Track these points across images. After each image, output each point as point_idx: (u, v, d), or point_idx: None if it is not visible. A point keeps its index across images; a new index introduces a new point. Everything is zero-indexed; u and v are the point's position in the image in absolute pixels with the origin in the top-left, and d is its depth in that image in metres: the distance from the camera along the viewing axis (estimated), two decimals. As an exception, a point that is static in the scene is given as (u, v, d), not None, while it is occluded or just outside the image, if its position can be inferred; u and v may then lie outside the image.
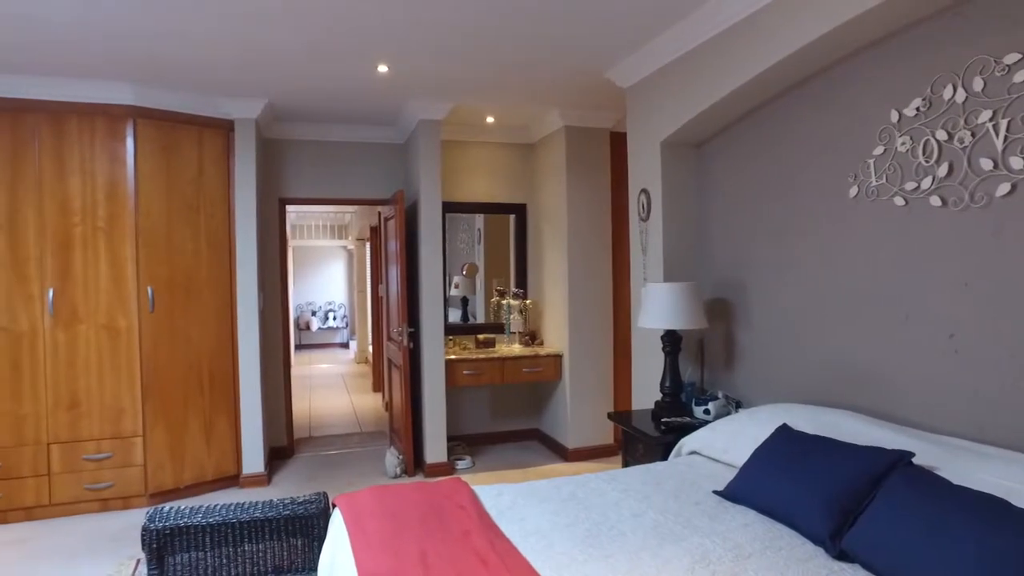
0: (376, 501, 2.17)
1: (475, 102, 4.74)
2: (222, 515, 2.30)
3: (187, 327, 4.34)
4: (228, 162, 4.52)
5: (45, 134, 4.01)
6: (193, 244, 4.37)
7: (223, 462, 4.51)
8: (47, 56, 3.60)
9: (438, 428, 4.76)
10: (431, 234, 4.74)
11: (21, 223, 3.98)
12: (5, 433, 3.96)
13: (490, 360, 4.99)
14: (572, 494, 2.35)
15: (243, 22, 3.18)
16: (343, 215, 11.41)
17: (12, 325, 3.97)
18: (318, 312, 13.89)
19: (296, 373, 5.58)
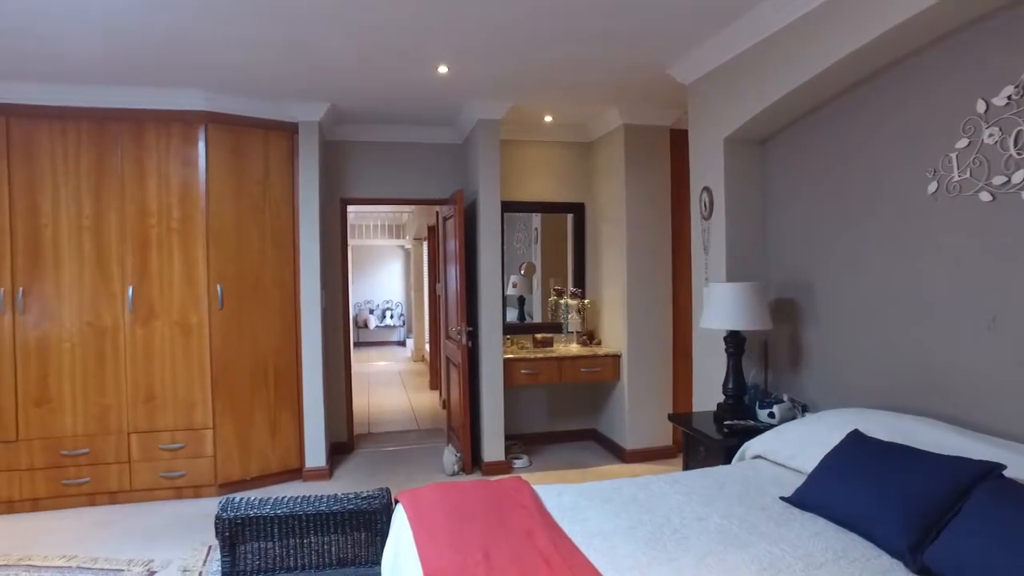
0: (438, 498, 2.19)
1: (533, 101, 4.74)
2: (289, 507, 2.37)
3: (253, 324, 4.49)
4: (292, 164, 4.65)
5: (126, 141, 4.22)
6: (259, 243, 4.51)
7: (287, 455, 4.65)
8: (129, 67, 3.79)
9: (496, 427, 4.78)
10: (490, 233, 4.76)
11: (105, 225, 4.21)
12: (92, 422, 4.20)
13: (548, 359, 4.98)
14: (633, 496, 2.32)
15: (308, 28, 3.27)
16: (400, 215, 11.60)
17: (97, 321, 4.21)
18: (376, 310, 14.16)
19: (354, 370, 5.69)
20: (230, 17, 3.12)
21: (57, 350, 4.18)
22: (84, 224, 4.19)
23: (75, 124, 4.17)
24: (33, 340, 4.15)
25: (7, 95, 4.04)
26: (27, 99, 4.07)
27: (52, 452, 4.17)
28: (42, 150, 4.14)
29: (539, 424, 5.62)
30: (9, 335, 4.12)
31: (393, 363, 11.41)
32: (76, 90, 4.09)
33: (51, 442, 4.17)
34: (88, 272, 4.20)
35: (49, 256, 4.16)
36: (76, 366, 4.20)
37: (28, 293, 4.14)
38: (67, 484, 4.18)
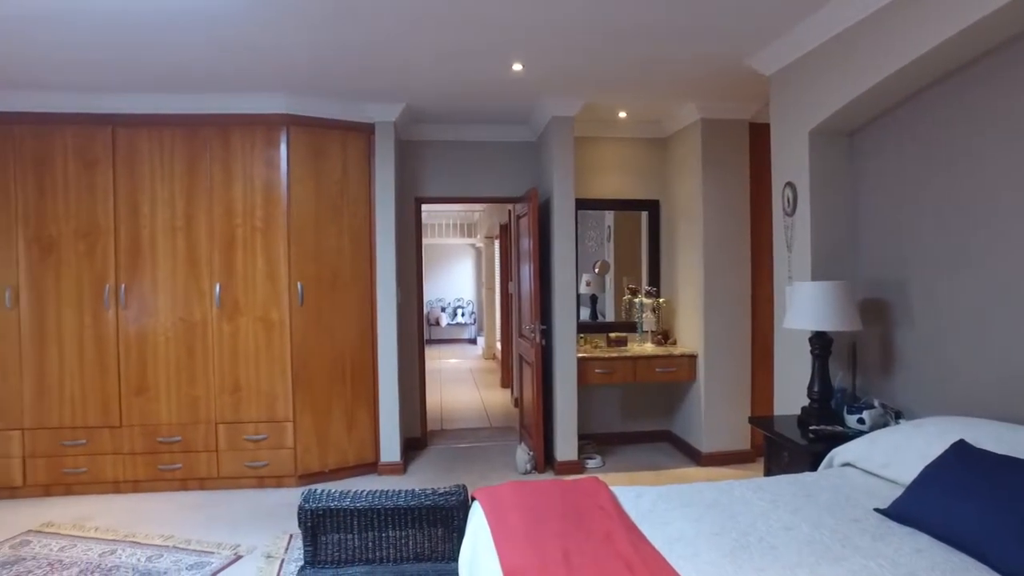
0: (516, 496, 2.19)
1: (608, 98, 4.68)
2: (368, 501, 2.42)
3: (332, 321, 4.63)
4: (369, 164, 4.76)
5: (215, 145, 4.43)
6: (337, 242, 4.64)
7: (363, 449, 4.76)
8: (218, 75, 3.98)
9: (569, 426, 4.75)
10: (564, 231, 4.73)
11: (195, 226, 4.43)
12: (184, 411, 4.44)
13: (622, 359, 4.91)
14: (715, 501, 2.25)
15: (385, 30, 3.34)
16: (472, 213, 11.71)
17: (188, 316, 4.44)
18: (447, 308, 14.36)
19: (427, 367, 5.78)
20: (313, 22, 3.22)
21: (153, 343, 4.44)
22: (177, 225, 4.43)
23: (170, 131, 4.41)
24: (133, 333, 4.42)
25: (114, 106, 4.33)
26: (130, 109, 4.35)
27: (150, 438, 4.44)
28: (142, 156, 4.40)
29: (612, 424, 5.55)
30: (113, 329, 4.40)
31: (464, 361, 11.54)
32: (171, 99, 4.33)
33: (149, 429, 4.44)
34: (180, 270, 4.44)
35: (147, 255, 4.42)
36: (170, 358, 4.45)
37: (129, 290, 4.41)
38: (162, 469, 4.44)
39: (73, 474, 4.41)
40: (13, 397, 4.37)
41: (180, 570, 3.27)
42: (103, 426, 4.42)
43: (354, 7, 3.05)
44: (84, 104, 4.32)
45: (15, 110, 4.30)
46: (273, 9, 3.06)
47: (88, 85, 4.15)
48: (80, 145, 4.37)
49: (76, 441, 4.40)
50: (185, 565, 3.33)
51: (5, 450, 4.37)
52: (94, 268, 4.40)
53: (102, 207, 4.39)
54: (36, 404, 4.39)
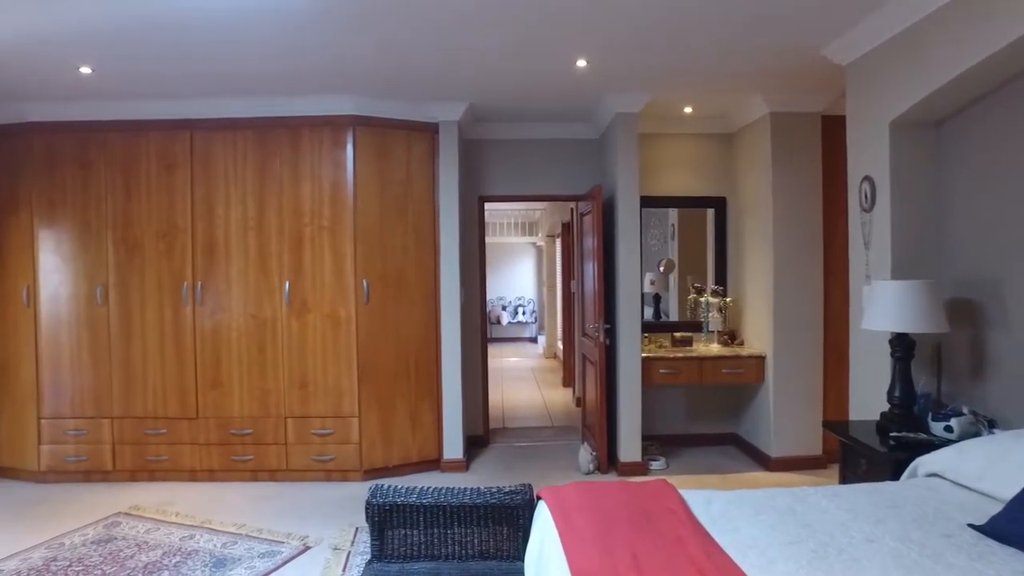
0: (582, 497, 2.16)
1: (673, 93, 4.58)
2: (434, 497, 2.43)
3: (396, 318, 4.70)
4: (433, 163, 4.81)
5: (284, 147, 4.57)
6: (402, 241, 4.71)
7: (426, 446, 4.82)
8: (288, 79, 4.10)
9: (633, 426, 4.68)
10: (629, 230, 4.66)
11: (266, 225, 4.58)
12: (255, 405, 4.60)
13: (688, 359, 4.80)
14: (790, 508, 2.16)
15: (450, 30, 3.36)
16: (533, 212, 11.70)
17: (259, 313, 4.59)
18: (508, 307, 14.40)
19: (488, 365, 5.80)
20: (378, 24, 3.28)
21: (227, 339, 4.62)
22: (249, 225, 4.59)
23: (242, 134, 4.57)
24: (208, 329, 4.61)
25: (191, 111, 4.52)
26: (206, 113, 4.53)
27: (224, 430, 4.62)
28: (217, 159, 4.58)
29: (676, 425, 5.44)
30: (190, 325, 4.60)
31: (525, 359, 11.54)
32: (243, 103, 4.49)
33: (223, 421, 4.62)
34: (252, 268, 4.59)
35: (221, 254, 4.60)
36: (242, 354, 4.61)
37: (205, 287, 4.60)
38: (235, 460, 4.61)
39: (155, 461, 4.64)
40: (104, 387, 4.64)
41: (253, 558, 3.39)
42: (181, 417, 4.63)
43: (419, 8, 3.09)
44: (165, 111, 4.54)
45: (107, 119, 4.55)
46: (341, 13, 3.12)
47: (169, 93, 4.36)
48: (161, 150, 4.59)
49: (158, 431, 4.63)
50: (257, 553, 3.45)
51: (97, 436, 4.64)
52: (173, 267, 4.61)
53: (180, 208, 4.60)
54: (123, 394, 4.64)
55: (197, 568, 3.28)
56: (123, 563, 3.35)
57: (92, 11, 3.07)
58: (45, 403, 4.67)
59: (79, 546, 3.57)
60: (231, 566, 3.30)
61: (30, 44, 3.48)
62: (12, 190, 4.68)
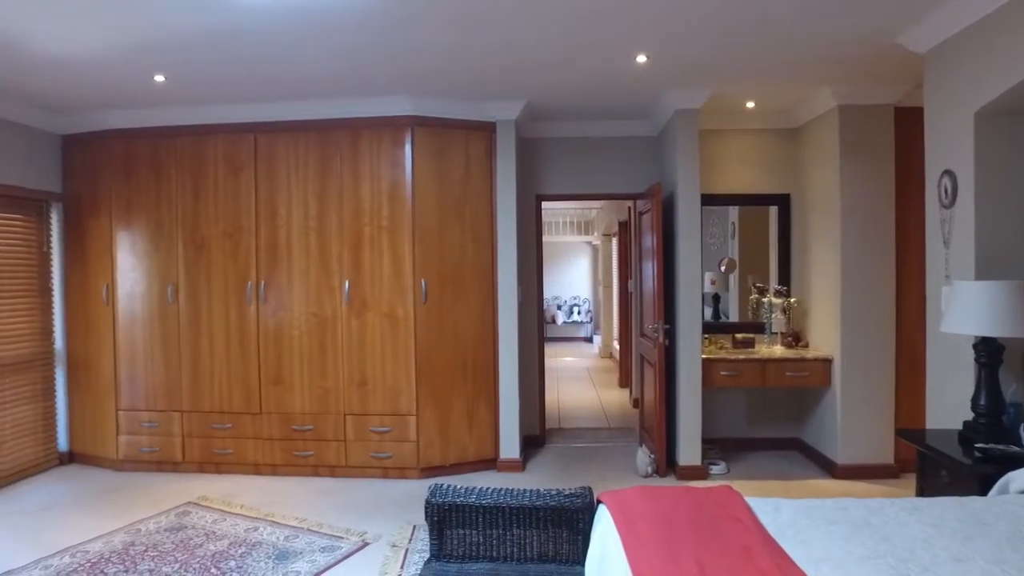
0: (644, 502, 2.10)
1: (735, 87, 4.45)
2: (493, 498, 2.42)
3: (454, 317, 4.72)
4: (490, 162, 4.81)
5: (344, 148, 4.65)
6: (460, 240, 4.73)
7: (482, 445, 4.82)
8: (348, 81, 4.17)
9: (692, 429, 4.57)
10: (689, 228, 4.56)
11: (326, 226, 4.67)
12: (316, 402, 4.70)
13: (749, 361, 4.66)
14: (864, 520, 2.04)
15: (509, 27, 3.34)
16: (588, 211, 11.61)
17: (320, 311, 4.69)
18: (563, 306, 14.34)
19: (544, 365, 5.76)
20: (438, 25, 3.29)
21: (288, 337, 4.73)
22: (310, 225, 4.69)
23: (304, 136, 4.67)
24: (271, 327, 4.74)
25: (256, 115, 4.66)
26: (269, 117, 4.66)
27: (285, 426, 4.74)
28: (279, 161, 4.70)
29: (736, 429, 5.29)
30: (254, 323, 4.74)
31: (580, 359, 11.46)
32: (305, 105, 4.60)
33: (285, 417, 4.74)
34: (313, 268, 4.69)
35: (283, 253, 4.71)
36: (303, 351, 4.72)
37: (268, 286, 4.72)
38: (296, 455, 4.72)
39: (221, 454, 4.79)
40: (174, 382, 4.83)
41: (314, 552, 3.46)
42: (245, 412, 4.77)
43: (479, 7, 3.08)
44: (231, 115, 4.68)
45: (177, 124, 4.74)
46: (401, 14, 3.15)
47: (235, 97, 4.50)
48: (227, 152, 4.74)
49: (223, 425, 4.78)
50: (318, 547, 3.51)
51: (168, 428, 4.84)
52: (238, 266, 4.76)
53: (245, 209, 4.74)
54: (192, 389, 4.82)
55: (261, 559, 3.37)
56: (193, 551, 3.47)
57: (167, 23, 3.20)
58: (122, 396, 4.90)
59: (154, 532, 3.73)
60: (293, 559, 3.37)
61: (112, 56, 3.66)
62: (93, 194, 4.92)
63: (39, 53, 3.58)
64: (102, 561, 3.37)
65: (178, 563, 3.33)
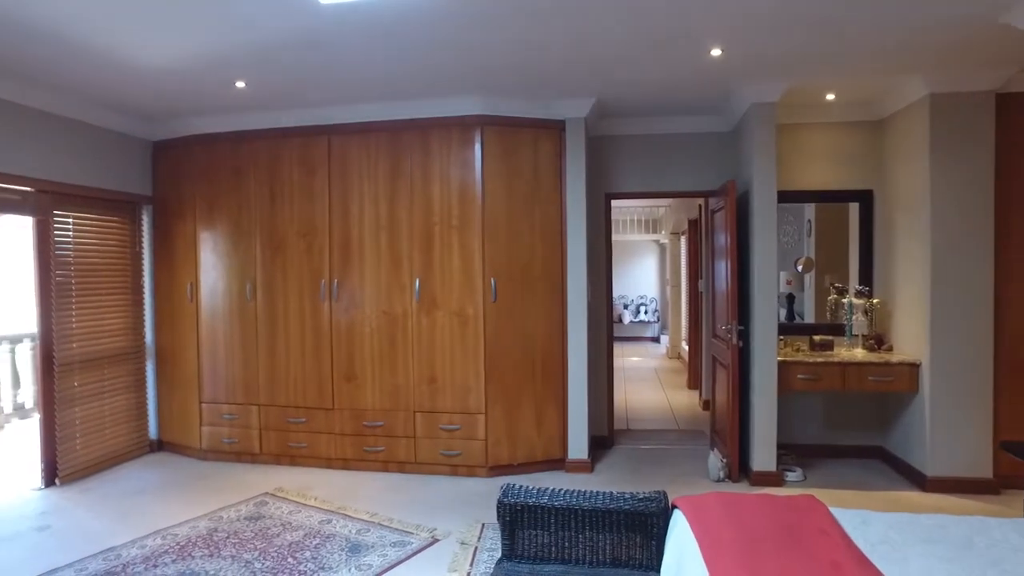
0: (722, 508, 2.03)
1: (815, 78, 4.26)
2: (566, 500, 2.40)
3: (523, 316, 4.71)
4: (560, 161, 4.77)
5: (415, 148, 4.71)
6: (529, 239, 4.72)
7: (551, 445, 4.80)
8: (417, 81, 4.22)
9: (767, 434, 4.41)
10: (765, 227, 4.40)
11: (397, 225, 4.75)
12: (386, 398, 4.79)
13: (829, 364, 4.45)
14: (968, 540, 1.91)
15: (579, 23, 3.30)
16: (656, 209, 11.41)
17: (390, 309, 4.77)
18: (629, 306, 14.15)
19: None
20: (506, 23, 3.28)
21: (360, 334, 4.83)
22: (381, 224, 4.77)
23: (375, 137, 4.76)
24: (344, 325, 4.85)
25: (329, 118, 4.78)
26: (342, 119, 4.77)
27: (357, 422, 4.84)
28: (351, 162, 4.81)
29: (813, 435, 5.07)
30: (327, 320, 4.87)
31: (647, 359, 11.28)
32: (377, 107, 4.69)
33: (356, 413, 4.85)
34: (384, 267, 4.78)
35: (355, 252, 4.82)
36: (374, 349, 4.81)
37: (341, 284, 4.84)
38: (367, 451, 4.82)
39: (296, 448, 4.95)
40: (252, 377, 5.02)
41: (385, 546, 3.52)
42: (319, 407, 4.91)
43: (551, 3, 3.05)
44: (306, 118, 4.82)
45: (255, 128, 4.92)
46: (472, 12, 3.16)
47: (310, 101, 4.63)
48: (302, 155, 4.89)
49: (298, 419, 4.94)
50: (389, 542, 3.57)
51: (246, 421, 5.03)
52: (312, 265, 4.89)
53: (319, 209, 4.87)
54: (269, 384, 4.99)
55: (335, 551, 3.45)
56: (271, 540, 3.59)
57: (250, 31, 3.32)
58: (204, 388, 5.13)
59: (234, 520, 3.89)
60: (365, 552, 3.44)
61: (198, 65, 3.85)
62: (179, 196, 5.18)
63: (134, 65, 3.80)
64: (189, 544, 3.54)
65: (257, 551, 3.46)
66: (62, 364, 4.57)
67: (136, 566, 3.31)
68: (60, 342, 4.56)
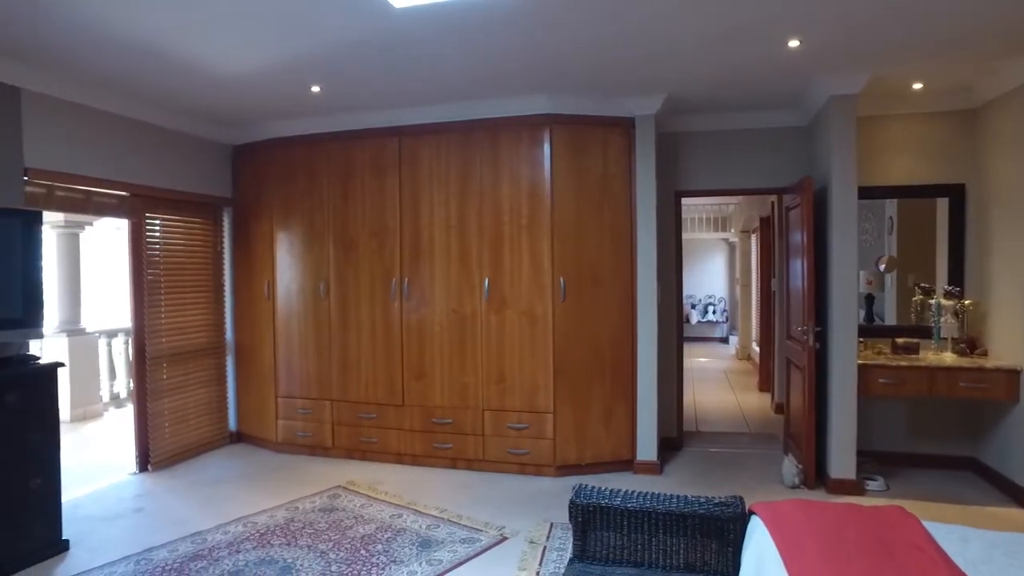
0: (805, 517, 1.96)
1: (902, 67, 4.04)
2: (639, 502, 2.36)
3: (592, 316, 4.68)
4: (629, 158, 4.71)
5: (484, 148, 4.75)
6: (598, 237, 4.68)
7: (619, 446, 4.74)
8: (486, 81, 4.25)
9: (846, 440, 4.23)
10: (844, 224, 4.22)
11: (466, 224, 4.79)
12: (455, 396, 4.85)
13: (914, 369, 4.23)
14: (1081, 561, 1.78)
15: (651, 17, 3.24)
16: (725, 207, 11.13)
17: (460, 308, 4.82)
18: (697, 305, 13.86)
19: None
20: (577, 20, 3.26)
21: (430, 332, 4.91)
22: (451, 223, 4.83)
23: (445, 137, 4.82)
24: (414, 323, 4.94)
25: (400, 119, 4.88)
26: (413, 120, 4.86)
27: (426, 418, 4.92)
28: (422, 162, 4.89)
29: (895, 442, 4.83)
30: (398, 318, 4.97)
31: (715, 360, 11.01)
32: (446, 108, 4.75)
33: (425, 410, 4.92)
34: (453, 266, 4.83)
35: (426, 252, 4.90)
36: (444, 347, 4.87)
37: (411, 283, 4.93)
38: (436, 447, 4.89)
39: (367, 443, 5.07)
40: (325, 372, 5.17)
41: (454, 543, 3.56)
42: (389, 404, 5.01)
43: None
44: (377, 120, 4.93)
45: (329, 131, 5.07)
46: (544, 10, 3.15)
47: (381, 103, 4.74)
48: (374, 156, 5.00)
49: (369, 415, 5.06)
50: (458, 538, 3.61)
51: (320, 416, 5.20)
52: (383, 263, 5.00)
53: (390, 209, 4.97)
54: (341, 380, 5.14)
55: (406, 545, 3.52)
56: (344, 532, 3.69)
57: (325, 35, 3.42)
58: (280, 383, 5.33)
59: (309, 511, 4.02)
60: (435, 548, 3.49)
61: (275, 72, 4.00)
62: (257, 198, 5.39)
63: (215, 73, 3.98)
64: (268, 533, 3.69)
65: (331, 542, 3.56)
66: (153, 358, 4.84)
67: (221, 551, 3.47)
68: (151, 337, 4.83)
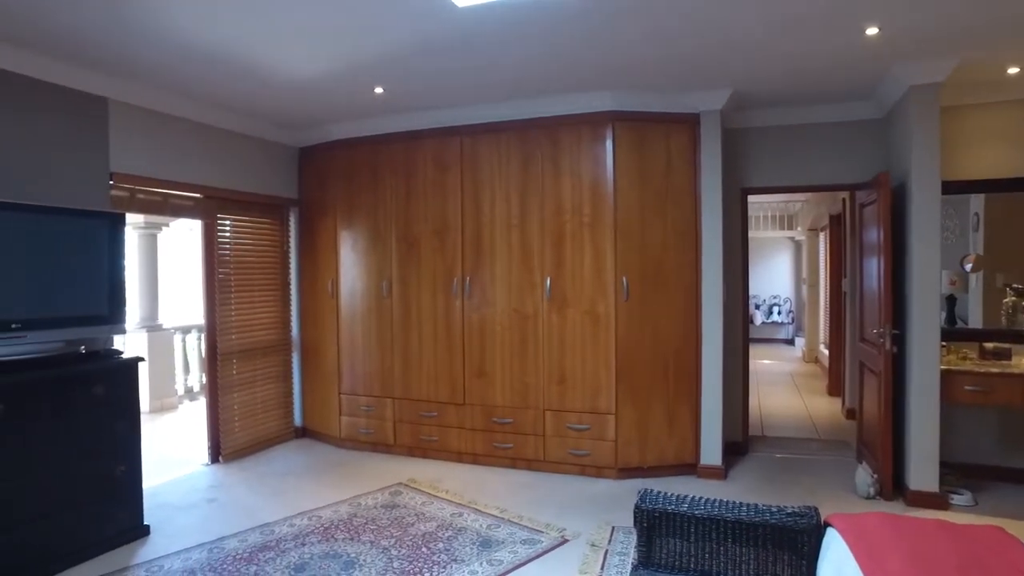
0: (888, 533, 1.85)
1: (992, 51, 3.75)
2: (707, 509, 2.28)
3: (655, 316, 4.58)
4: (694, 155, 4.59)
5: (544, 146, 4.71)
6: (661, 236, 4.58)
7: (682, 449, 4.63)
8: (547, 79, 4.22)
9: (927, 449, 4.00)
10: (926, 221, 4.00)
11: (528, 223, 4.77)
12: (516, 396, 4.84)
13: (1006, 376, 3.96)
14: None
15: (718, 8, 3.14)
16: (792, 204, 10.75)
17: (521, 307, 4.81)
18: (761, 306, 13.43)
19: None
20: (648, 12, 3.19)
21: (491, 331, 4.90)
22: (512, 222, 4.82)
23: (506, 136, 4.81)
24: (475, 321, 4.95)
25: (461, 118, 4.90)
26: (474, 119, 4.87)
27: (486, 418, 4.92)
28: (482, 161, 4.89)
29: (982, 454, 4.53)
30: (459, 317, 4.99)
31: (781, 363, 10.65)
32: (507, 106, 4.74)
33: (486, 409, 4.93)
34: (514, 265, 4.82)
35: (487, 250, 4.90)
36: (505, 346, 4.87)
37: (473, 282, 4.94)
38: (496, 447, 4.89)
39: (427, 441, 5.12)
40: (387, 370, 5.25)
41: (515, 543, 3.54)
42: (450, 402, 5.04)
43: (691, -9, 2.94)
44: (439, 119, 4.96)
45: (392, 131, 5.14)
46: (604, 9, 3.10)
47: (442, 103, 4.77)
48: (436, 155, 5.04)
49: (430, 413, 5.10)
50: (519, 539, 3.59)
51: (382, 413, 5.27)
52: (445, 262, 5.03)
53: (452, 208, 4.99)
54: (403, 378, 5.20)
55: (467, 544, 3.53)
56: (406, 529, 3.73)
57: (390, 37, 3.45)
58: (344, 380, 5.44)
59: (372, 507, 4.08)
60: (496, 548, 3.48)
61: (342, 74, 4.07)
62: (322, 198, 5.51)
63: (282, 78, 4.08)
64: (332, 527, 3.76)
65: (393, 538, 3.60)
66: (224, 353, 5.01)
67: (287, 542, 3.56)
68: (222, 333, 5.00)
